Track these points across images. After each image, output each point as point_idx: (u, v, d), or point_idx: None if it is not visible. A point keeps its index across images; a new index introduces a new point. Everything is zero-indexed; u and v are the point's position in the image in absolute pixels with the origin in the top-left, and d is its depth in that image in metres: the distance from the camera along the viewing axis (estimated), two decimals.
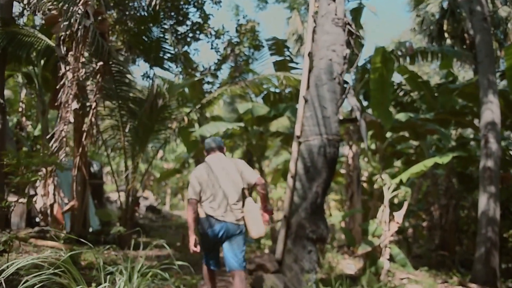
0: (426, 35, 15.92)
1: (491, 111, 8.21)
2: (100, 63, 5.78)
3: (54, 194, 6.65)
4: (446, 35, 16.04)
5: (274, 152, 14.98)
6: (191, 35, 8.99)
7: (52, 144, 5.53)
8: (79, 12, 5.42)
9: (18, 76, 10.37)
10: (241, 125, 8.73)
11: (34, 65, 7.15)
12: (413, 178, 10.11)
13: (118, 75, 6.61)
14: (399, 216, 6.37)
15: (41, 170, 6.51)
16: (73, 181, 6.46)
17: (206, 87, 10.14)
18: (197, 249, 3.74)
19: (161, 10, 7.67)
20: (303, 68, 5.56)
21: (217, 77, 9.60)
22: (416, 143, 13.63)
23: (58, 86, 5.53)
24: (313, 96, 5.30)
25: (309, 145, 5.13)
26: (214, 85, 9.95)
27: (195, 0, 8.54)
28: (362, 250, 6.28)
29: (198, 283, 4.62)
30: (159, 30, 7.79)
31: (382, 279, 6.21)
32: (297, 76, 7.23)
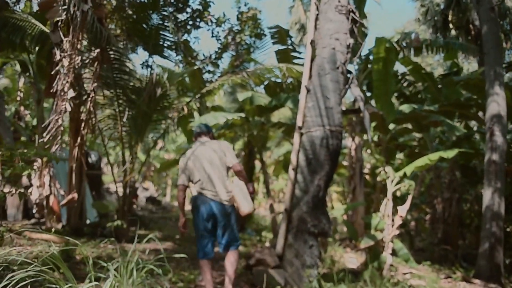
0: (431, 26, 15.68)
1: (497, 104, 8.03)
2: (98, 50, 5.59)
3: (50, 185, 6.52)
4: (451, 26, 15.80)
5: (276, 143, 14.81)
6: (191, 23, 8.78)
7: (47, 134, 5.36)
8: None
9: (16, 64, 10.18)
10: (242, 116, 8.55)
11: (29, 52, 6.97)
12: (417, 171, 9.94)
13: (117, 63, 6.43)
14: (403, 210, 6.22)
15: (36, 161, 6.38)
16: (70, 172, 6.33)
17: (207, 76, 9.95)
18: (185, 230, 4.11)
19: None
20: (305, 57, 5.37)
21: (218, 66, 9.39)
22: (419, 136, 13.49)
23: (53, 72, 5.35)
24: (316, 86, 5.12)
25: (311, 137, 4.97)
26: (215, 75, 9.76)
27: None
28: (365, 244, 6.14)
29: (197, 279, 4.49)
30: (159, 17, 7.57)
31: (385, 274, 6.09)
32: (300, 68, 7.04)
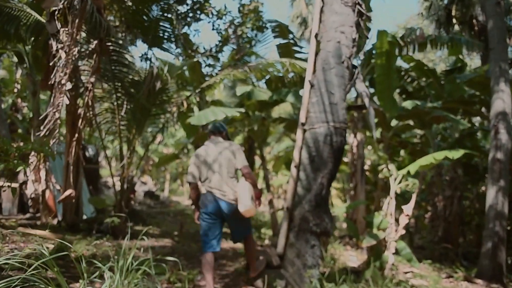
0: (434, 21, 15.49)
1: (502, 101, 7.89)
2: (96, 41, 5.42)
3: (46, 180, 6.38)
4: (454, 21, 15.61)
5: (276, 139, 14.66)
6: (191, 15, 8.59)
7: (44, 128, 5.19)
8: None
9: (13, 56, 9.99)
10: (241, 111, 8.37)
11: (24, 43, 6.79)
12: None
13: (116, 55, 6.25)
14: (409, 209, 6.08)
15: (32, 155, 6.23)
16: (67, 167, 6.17)
17: (207, 70, 9.78)
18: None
19: None
20: (310, 51, 5.21)
21: (218, 60, 9.21)
22: (421, 132, 13.34)
23: (51, 64, 5.17)
24: (320, 81, 4.96)
25: (315, 133, 4.82)
26: (215, 68, 9.58)
27: None
28: (367, 243, 6.01)
29: (195, 278, 4.35)
30: (158, 9, 7.37)
31: (387, 274, 5.97)
32: (303, 63, 6.88)
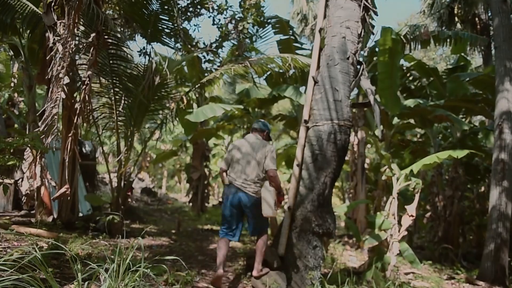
0: (436, 19, 15.36)
1: (507, 100, 7.76)
2: (94, 34, 5.25)
3: (41, 176, 6.21)
4: (456, 19, 15.50)
5: (276, 136, 14.53)
6: (192, 10, 8.42)
7: (43, 123, 5.04)
8: None
9: (10, 50, 9.80)
10: (239, 107, 8.26)
11: (20, 35, 6.61)
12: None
13: (114, 48, 6.09)
14: (412, 209, 5.96)
15: (26, 150, 6.08)
16: (62, 163, 6.02)
17: (207, 66, 9.61)
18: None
19: None
20: (314, 46, 5.06)
21: (218, 55, 9.05)
22: (422, 131, 13.23)
23: (48, 57, 5.01)
24: (324, 77, 4.82)
25: (318, 131, 4.68)
26: (215, 64, 9.42)
27: None
28: (369, 244, 5.89)
29: (193, 279, 4.22)
30: (158, 2, 7.19)
31: (388, 275, 5.85)
32: (305, 58, 6.73)
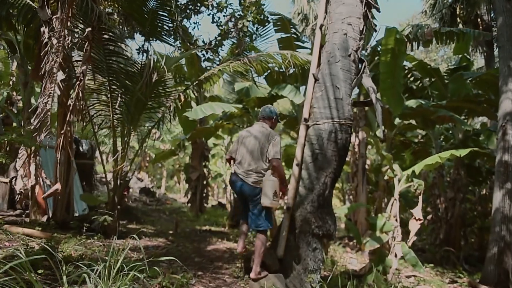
0: (438, 19, 15.23)
1: (511, 101, 7.63)
2: (89, 29, 5.12)
3: (36, 175, 6.09)
4: (458, 20, 15.38)
5: None
6: (192, 7, 8.29)
7: (35, 119, 4.92)
8: None
9: (7, 46, 9.69)
10: (239, 107, 8.13)
11: (16, 31, 6.48)
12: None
13: (110, 44, 5.95)
14: (418, 213, 5.82)
15: (22, 148, 5.96)
16: (57, 162, 5.89)
17: (206, 64, 9.49)
18: None
19: None
20: (314, 43, 4.94)
21: (218, 54, 8.92)
22: (423, 133, 13.11)
23: (42, 53, 4.89)
24: (325, 75, 4.69)
25: (319, 130, 4.55)
26: (215, 63, 9.31)
27: None
28: (370, 247, 5.76)
29: (189, 282, 4.08)
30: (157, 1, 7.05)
31: (390, 279, 5.72)
32: (305, 56, 6.59)
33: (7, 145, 7.06)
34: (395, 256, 5.75)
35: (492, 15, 15.39)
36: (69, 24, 4.86)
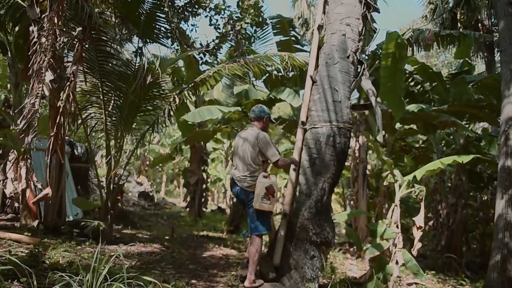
0: (439, 24, 15.14)
1: None
2: (79, 29, 5.00)
3: (27, 179, 5.96)
4: (459, 25, 15.30)
5: (275, 141, 14.26)
6: (190, 9, 8.18)
7: (21, 121, 4.78)
8: None
9: None
10: (237, 109, 8.01)
11: (6, 30, 6.36)
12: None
13: (102, 44, 5.82)
14: (420, 220, 5.65)
15: (12, 151, 5.82)
16: (48, 165, 5.74)
17: (205, 68, 9.37)
18: None
19: None
20: (312, 44, 4.82)
21: (216, 57, 8.79)
22: (424, 138, 12.96)
23: (30, 53, 4.77)
24: (323, 77, 4.56)
25: (316, 133, 4.41)
26: (213, 66, 9.20)
27: None
28: (370, 254, 5.59)
29: None
30: (152, 1, 6.93)
31: (391, 287, 5.54)
32: (303, 58, 6.47)
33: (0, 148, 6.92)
34: (396, 264, 5.58)
35: (493, 20, 15.30)
36: (59, 23, 4.73)
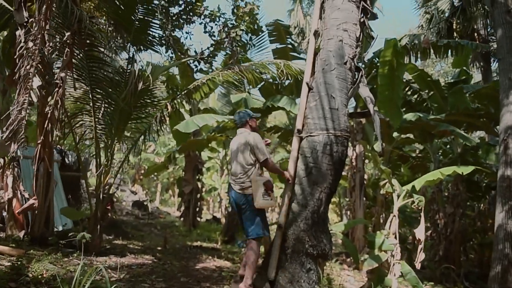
0: (435, 33, 15.15)
1: None
2: (69, 33, 4.86)
3: (14, 188, 5.76)
4: (455, 34, 15.32)
5: (271, 150, 14.11)
6: (184, 17, 8.07)
7: (7, 129, 4.61)
8: None
9: None
10: (232, 118, 7.86)
11: None
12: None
13: (92, 50, 5.68)
14: (420, 232, 5.50)
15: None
16: (37, 174, 5.56)
17: (200, 76, 9.25)
18: None
19: None
20: (308, 50, 4.70)
21: (211, 65, 8.67)
22: (421, 147, 12.87)
23: (16, 57, 4.62)
24: (319, 84, 4.43)
25: (313, 142, 4.27)
26: (208, 75, 9.08)
27: None
28: (368, 267, 5.42)
29: None
30: (147, 8, 6.81)
31: None
32: (299, 66, 6.36)
33: None
34: (395, 276, 5.41)
35: (489, 30, 15.33)
36: (48, 27, 4.59)
